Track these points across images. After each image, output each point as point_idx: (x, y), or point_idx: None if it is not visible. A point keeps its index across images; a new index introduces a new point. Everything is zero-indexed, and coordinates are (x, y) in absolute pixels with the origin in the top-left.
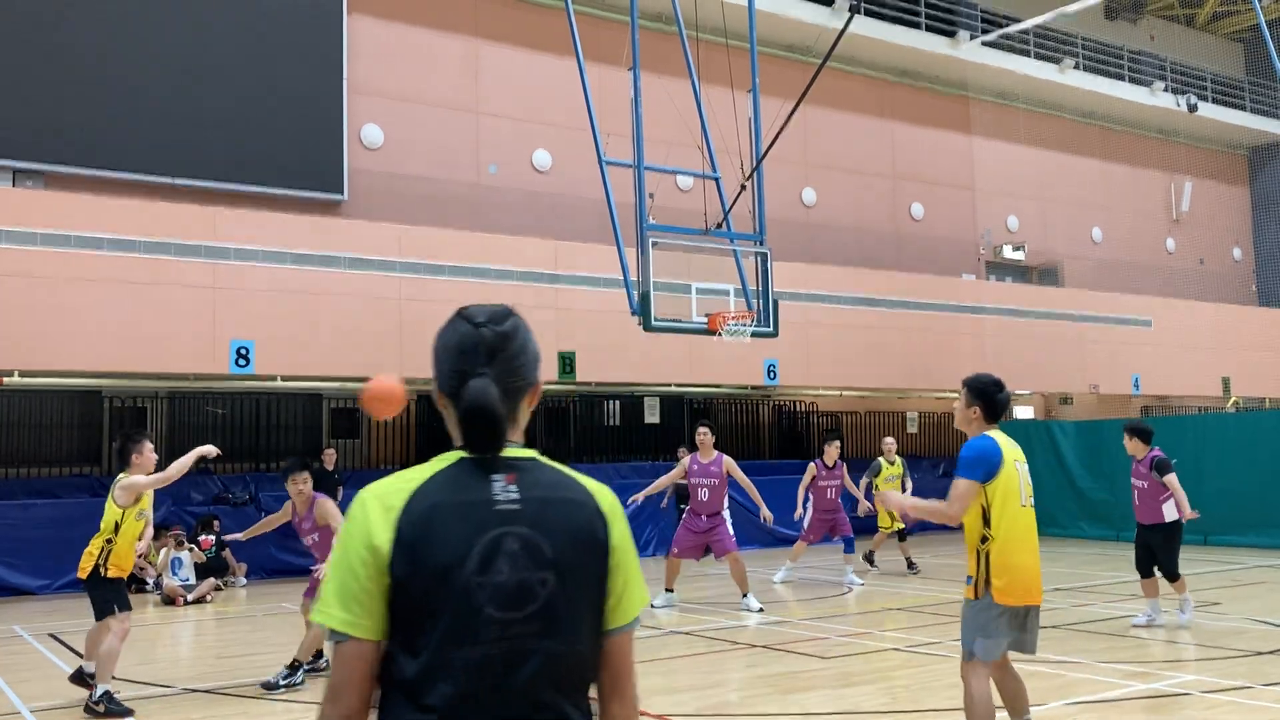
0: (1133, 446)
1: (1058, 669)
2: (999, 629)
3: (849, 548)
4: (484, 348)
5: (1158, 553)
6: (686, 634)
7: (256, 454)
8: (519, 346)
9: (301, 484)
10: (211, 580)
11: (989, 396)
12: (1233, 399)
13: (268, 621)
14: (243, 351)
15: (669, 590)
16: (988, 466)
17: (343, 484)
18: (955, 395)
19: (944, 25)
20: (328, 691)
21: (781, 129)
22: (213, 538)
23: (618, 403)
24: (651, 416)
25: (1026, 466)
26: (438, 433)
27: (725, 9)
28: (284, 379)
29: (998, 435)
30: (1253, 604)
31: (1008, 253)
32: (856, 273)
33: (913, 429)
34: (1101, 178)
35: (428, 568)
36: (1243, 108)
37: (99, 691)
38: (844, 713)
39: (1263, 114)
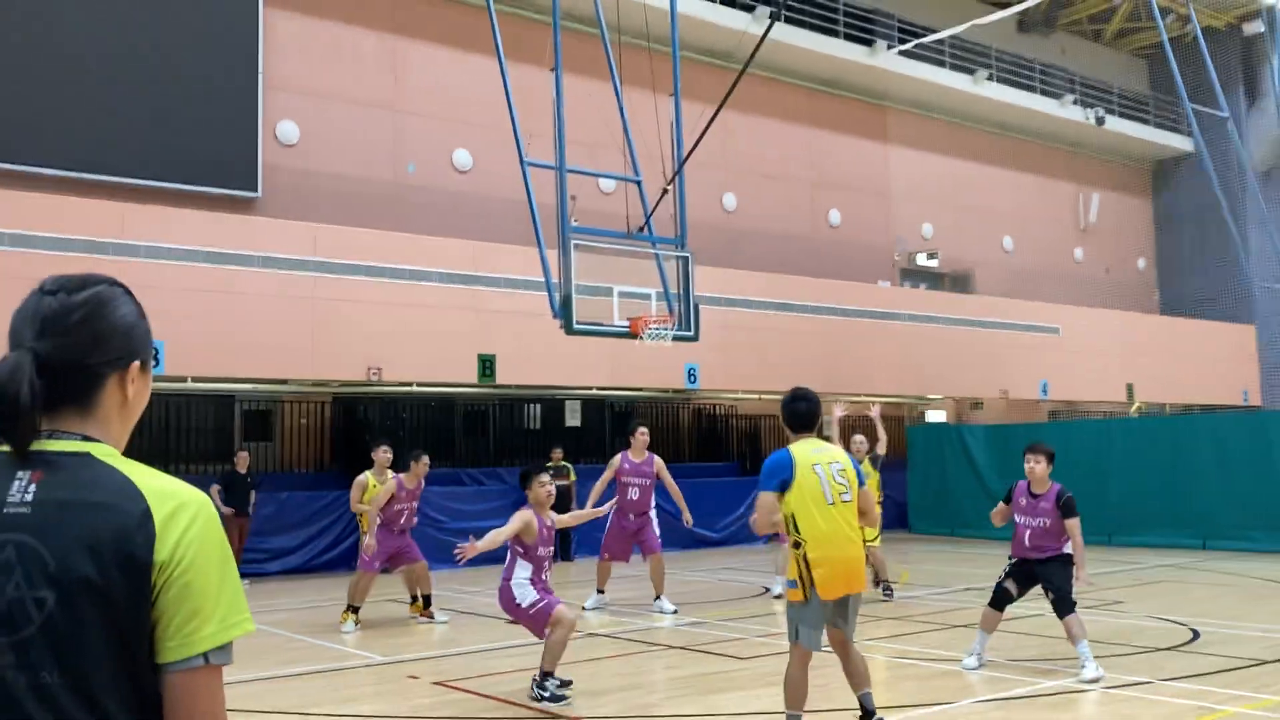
0: (1041, 471)
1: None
2: (816, 620)
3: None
4: (38, 318)
5: (1052, 584)
6: (608, 636)
7: (166, 457)
8: (83, 318)
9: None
10: None
11: (784, 407)
12: (1136, 404)
13: None
14: (152, 351)
15: (600, 592)
16: (781, 476)
17: (256, 488)
18: (871, 400)
19: (863, 35)
20: None
21: (703, 134)
22: None
23: (538, 406)
24: (573, 420)
25: (839, 466)
26: (354, 435)
27: (647, 12)
28: (194, 380)
29: (799, 445)
30: (1153, 602)
31: (922, 260)
32: (776, 278)
33: (828, 432)
34: (1013, 188)
35: None
36: (1147, 122)
37: None
38: (762, 713)
39: (1166, 129)
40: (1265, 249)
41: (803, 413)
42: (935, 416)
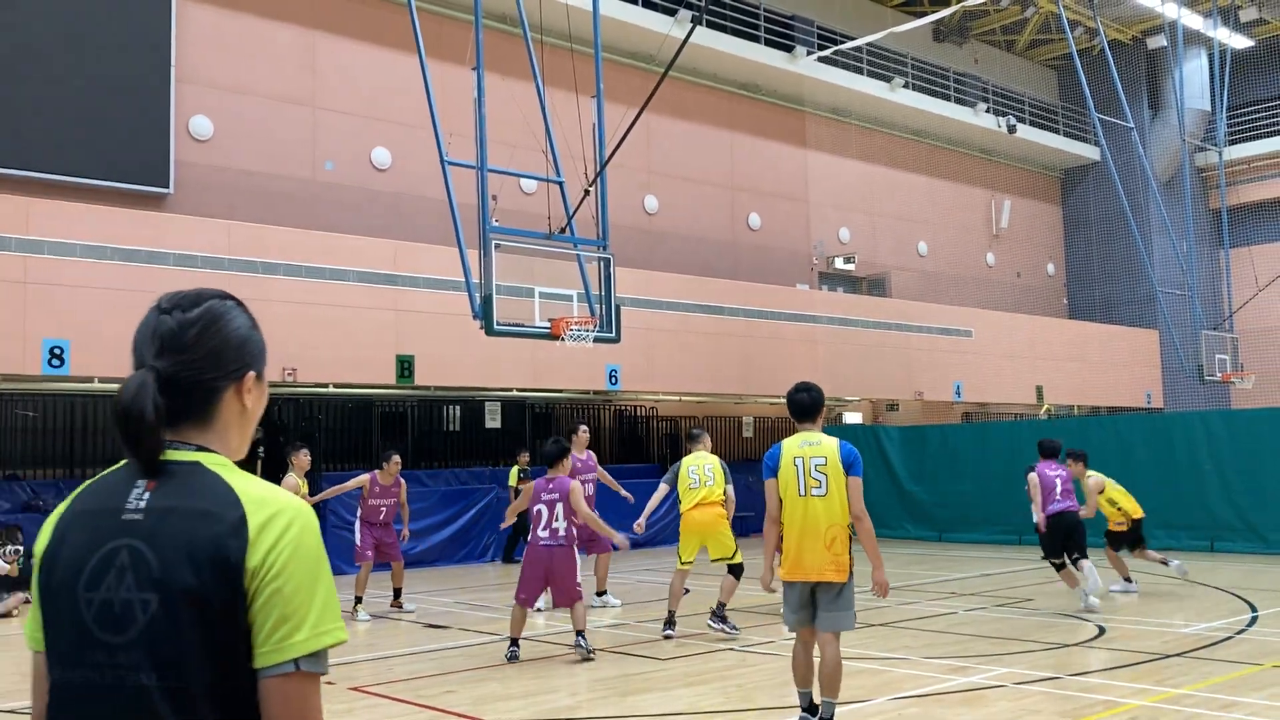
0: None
1: (883, 665)
2: (793, 602)
3: None
4: (157, 337)
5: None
6: (528, 639)
7: (71, 460)
8: (198, 335)
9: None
10: (21, 595)
11: (787, 399)
12: (1045, 406)
13: None
14: (56, 351)
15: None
16: (770, 465)
17: None
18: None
19: (783, 40)
20: None
21: (624, 136)
22: (20, 549)
23: (458, 408)
24: (492, 422)
25: (820, 461)
26: (268, 436)
27: (570, 13)
28: (102, 381)
29: (793, 437)
30: (1062, 599)
31: (839, 263)
32: (696, 280)
33: (748, 433)
34: (927, 193)
35: (55, 580)
36: (1056, 131)
37: None
38: (679, 713)
39: (1074, 138)
40: (1168, 256)
41: (802, 404)
42: (852, 418)
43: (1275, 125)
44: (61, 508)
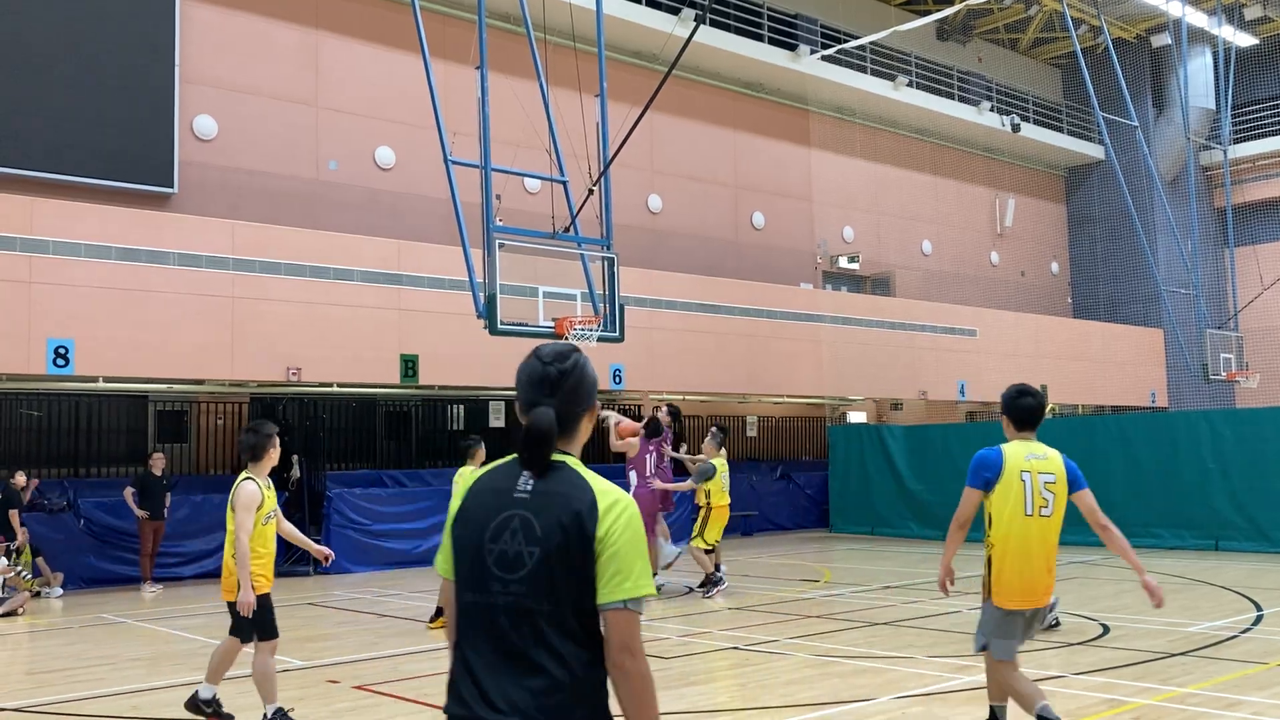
0: None
1: (888, 664)
2: (1010, 631)
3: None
4: (548, 383)
5: None
6: None
7: (75, 459)
8: (576, 380)
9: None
10: (24, 594)
11: (1006, 403)
12: (1050, 405)
13: (85, 634)
14: (61, 350)
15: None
16: (986, 474)
17: (172, 490)
18: (794, 400)
19: (786, 39)
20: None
21: (628, 135)
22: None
23: (461, 407)
24: (496, 421)
25: (1050, 478)
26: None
27: (573, 12)
28: (106, 380)
29: (1015, 445)
30: (1066, 598)
31: (843, 263)
32: (700, 279)
33: (752, 432)
34: (931, 192)
35: (466, 532)
36: (1060, 130)
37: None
38: (681, 712)
39: (1078, 137)
40: (1172, 255)
41: (1029, 408)
42: (856, 417)
43: None
44: (467, 482)
